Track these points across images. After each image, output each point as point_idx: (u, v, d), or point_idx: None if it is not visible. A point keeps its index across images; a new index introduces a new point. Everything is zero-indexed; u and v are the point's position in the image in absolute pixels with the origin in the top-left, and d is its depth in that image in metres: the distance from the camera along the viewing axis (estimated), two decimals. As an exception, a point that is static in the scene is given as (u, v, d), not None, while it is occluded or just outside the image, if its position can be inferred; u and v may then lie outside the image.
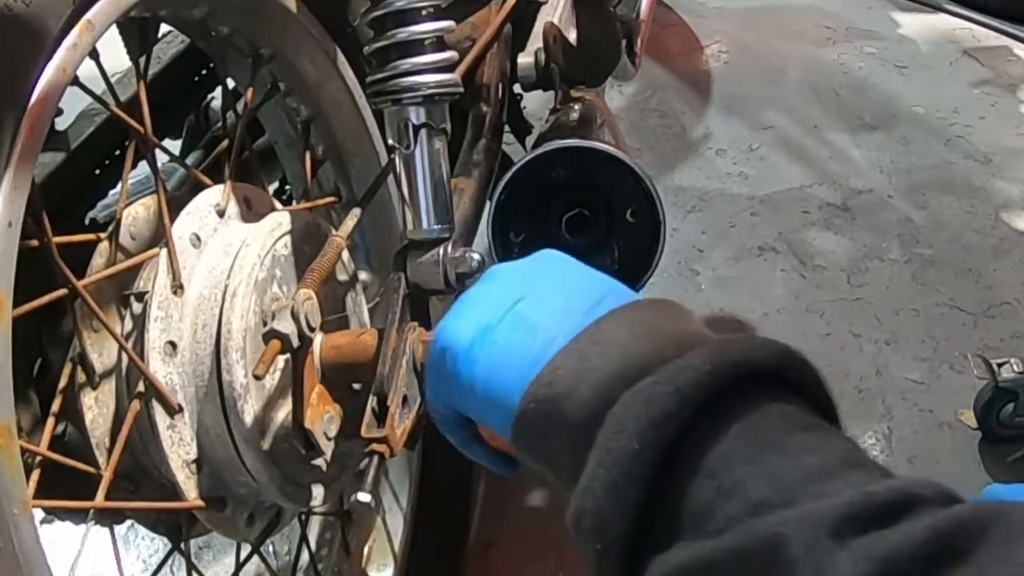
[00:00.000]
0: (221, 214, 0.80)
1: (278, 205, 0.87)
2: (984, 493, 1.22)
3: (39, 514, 0.67)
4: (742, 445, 0.43)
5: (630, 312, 0.53)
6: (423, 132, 0.80)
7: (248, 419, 0.73)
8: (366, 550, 1.11)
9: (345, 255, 0.86)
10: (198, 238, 0.77)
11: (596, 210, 1.15)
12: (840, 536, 0.38)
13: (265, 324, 0.72)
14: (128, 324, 0.73)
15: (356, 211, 0.84)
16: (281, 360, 0.75)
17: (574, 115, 1.24)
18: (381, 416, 0.72)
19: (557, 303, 0.56)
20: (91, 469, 0.70)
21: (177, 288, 0.73)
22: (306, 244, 0.83)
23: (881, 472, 0.43)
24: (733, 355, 0.46)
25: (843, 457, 0.43)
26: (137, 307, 0.73)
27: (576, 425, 0.48)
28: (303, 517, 1.03)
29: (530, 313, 0.56)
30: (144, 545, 1.41)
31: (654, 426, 0.44)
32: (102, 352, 0.72)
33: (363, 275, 1.04)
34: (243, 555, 0.91)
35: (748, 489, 0.42)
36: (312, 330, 0.72)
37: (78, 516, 0.74)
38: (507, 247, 1.13)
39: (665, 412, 0.44)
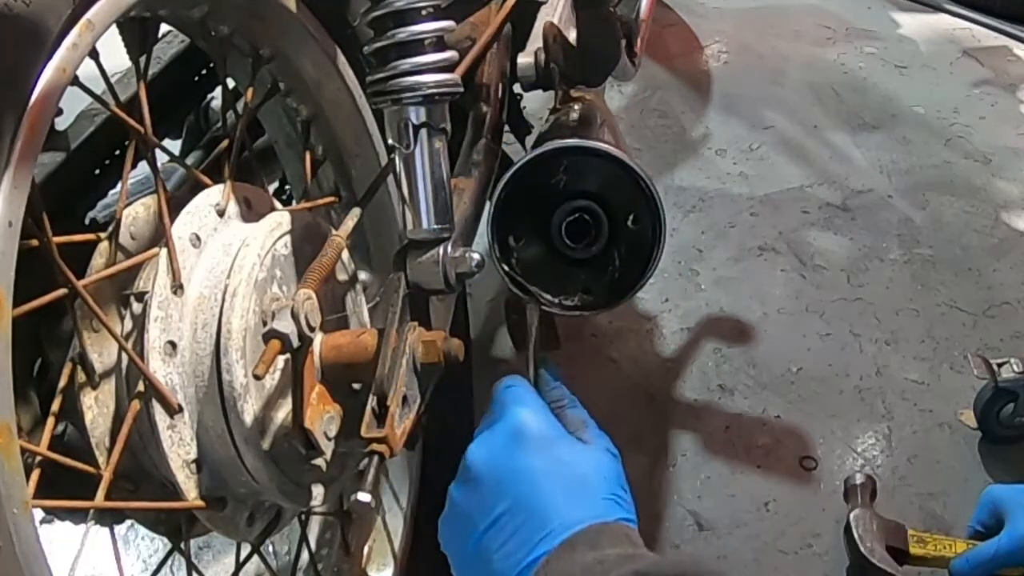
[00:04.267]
0: (221, 214, 0.80)
1: (278, 205, 0.87)
2: (984, 494, 1.22)
3: (39, 514, 0.67)
4: None
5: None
6: (423, 132, 0.80)
7: (248, 419, 0.73)
8: (366, 550, 1.11)
9: (345, 255, 0.86)
10: (198, 238, 0.77)
11: (596, 211, 1.15)
12: None
13: (265, 324, 0.72)
14: (128, 324, 0.73)
15: (356, 211, 0.84)
16: (281, 360, 0.75)
17: (574, 115, 1.24)
18: (381, 416, 0.72)
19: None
20: (91, 469, 0.70)
21: (177, 288, 0.73)
22: (306, 244, 0.83)
23: None
24: None
25: None
26: (137, 307, 0.73)
27: None
28: (303, 517, 1.03)
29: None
30: (144, 545, 1.41)
31: None
32: (102, 352, 0.72)
33: (363, 275, 1.04)
34: (243, 555, 0.91)
35: None
36: (312, 330, 0.72)
37: (78, 516, 0.74)
38: (507, 248, 1.13)
39: None
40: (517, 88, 1.32)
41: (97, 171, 0.92)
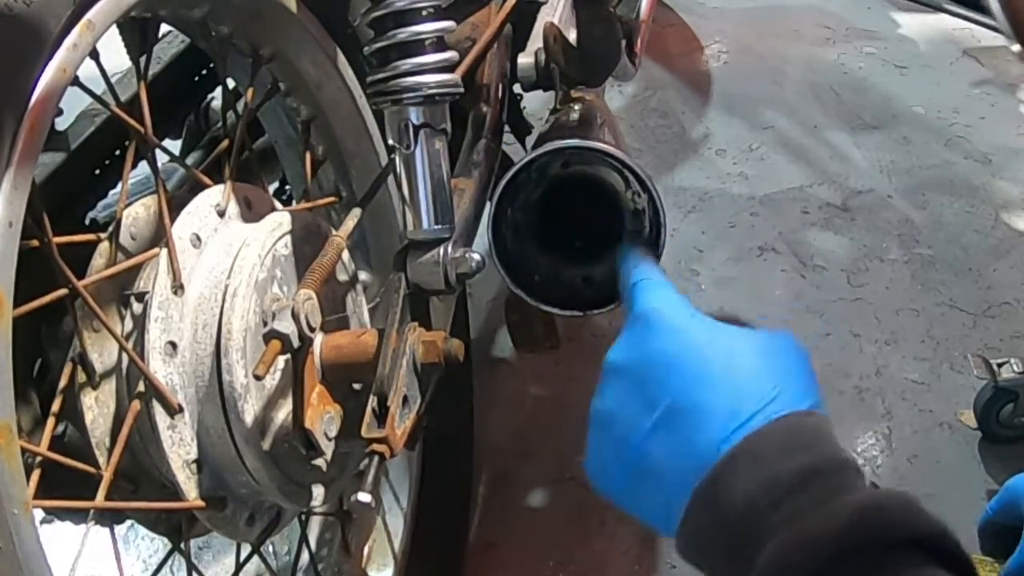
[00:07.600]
0: (221, 214, 0.80)
1: (278, 205, 0.87)
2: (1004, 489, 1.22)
3: (39, 514, 0.67)
4: None
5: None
6: (423, 132, 0.80)
7: (248, 419, 0.73)
8: (366, 550, 1.11)
9: (345, 255, 0.86)
10: (198, 238, 0.77)
11: (596, 211, 1.14)
12: None
13: (265, 324, 0.72)
14: (128, 324, 0.73)
15: (356, 211, 0.84)
16: (281, 360, 0.75)
17: (574, 115, 1.24)
18: (381, 416, 0.72)
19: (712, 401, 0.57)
20: (91, 469, 0.70)
21: (177, 288, 0.73)
22: (306, 244, 0.83)
23: None
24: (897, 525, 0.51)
25: None
26: (137, 307, 0.73)
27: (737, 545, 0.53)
28: (303, 517, 1.03)
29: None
30: (144, 545, 1.41)
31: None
32: (102, 352, 0.72)
33: (363, 275, 1.04)
34: (243, 555, 0.91)
35: None
36: (312, 330, 0.72)
37: (78, 516, 0.74)
38: (506, 248, 1.13)
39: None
40: (517, 88, 1.32)
41: (97, 171, 0.92)
